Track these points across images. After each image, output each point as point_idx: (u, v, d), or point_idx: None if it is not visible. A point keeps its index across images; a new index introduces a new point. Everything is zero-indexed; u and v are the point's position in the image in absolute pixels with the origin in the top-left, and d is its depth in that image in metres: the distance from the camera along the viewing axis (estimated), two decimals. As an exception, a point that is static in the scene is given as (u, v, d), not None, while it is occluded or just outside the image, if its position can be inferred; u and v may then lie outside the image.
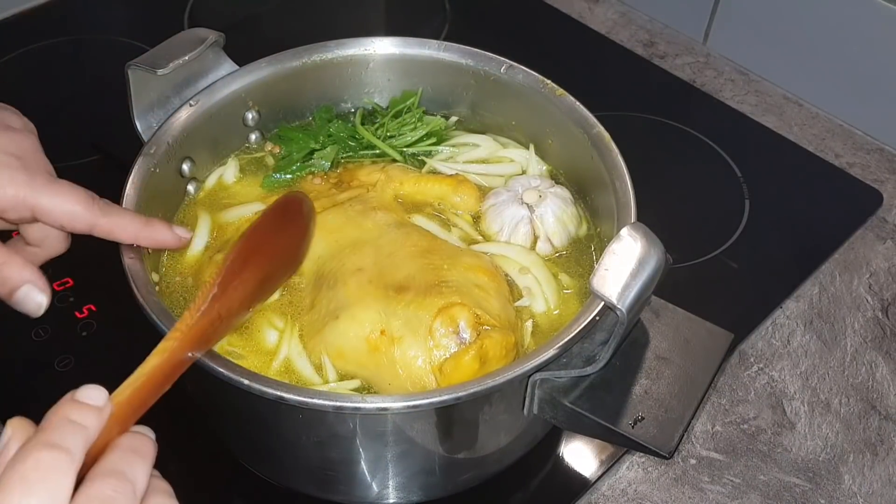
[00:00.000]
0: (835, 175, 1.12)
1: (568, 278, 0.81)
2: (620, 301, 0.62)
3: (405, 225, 0.82)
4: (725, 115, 1.19)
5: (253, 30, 1.30)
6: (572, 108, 0.85)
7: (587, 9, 1.38)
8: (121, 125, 0.83)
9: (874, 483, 0.84)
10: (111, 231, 0.67)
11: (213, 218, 0.85)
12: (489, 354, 0.69)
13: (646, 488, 0.83)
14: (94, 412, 0.49)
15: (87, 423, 0.48)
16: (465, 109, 0.95)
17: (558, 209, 0.83)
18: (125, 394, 0.53)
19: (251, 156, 0.92)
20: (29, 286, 0.63)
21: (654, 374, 0.70)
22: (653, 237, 0.65)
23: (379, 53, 0.92)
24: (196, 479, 0.82)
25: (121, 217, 0.68)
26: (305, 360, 0.74)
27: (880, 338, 0.95)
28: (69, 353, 0.88)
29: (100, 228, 0.66)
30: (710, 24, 1.28)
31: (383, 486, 0.74)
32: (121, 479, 0.47)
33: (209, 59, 0.85)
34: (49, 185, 0.64)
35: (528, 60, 0.89)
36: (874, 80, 1.14)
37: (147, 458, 0.50)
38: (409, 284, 0.73)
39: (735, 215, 1.06)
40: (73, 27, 1.29)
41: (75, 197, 0.65)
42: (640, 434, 0.66)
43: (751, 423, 0.88)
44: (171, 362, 0.57)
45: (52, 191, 0.64)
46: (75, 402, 0.49)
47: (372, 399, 0.63)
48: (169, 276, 0.80)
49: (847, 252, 1.04)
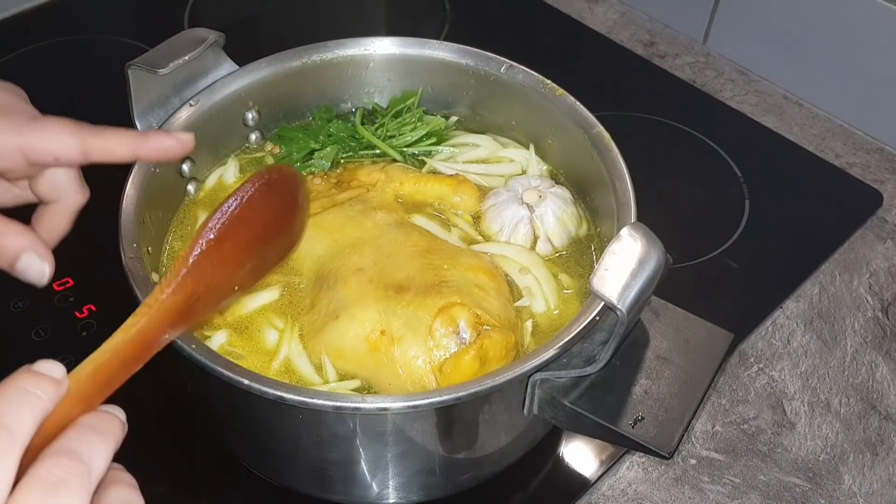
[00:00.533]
0: (835, 175, 1.12)
1: (568, 278, 0.81)
2: (620, 301, 0.62)
3: (405, 225, 0.82)
4: (725, 115, 1.19)
5: (253, 30, 1.30)
6: (572, 108, 0.85)
7: (587, 9, 1.38)
8: (121, 125, 0.83)
9: (874, 483, 0.84)
10: (106, 149, 0.64)
11: (213, 218, 0.85)
12: (489, 354, 0.69)
13: (646, 488, 0.83)
14: (50, 383, 0.45)
15: (42, 394, 0.44)
16: (465, 109, 0.95)
17: (558, 209, 0.83)
18: (87, 369, 0.49)
19: (251, 156, 0.92)
20: (29, 254, 0.61)
21: (654, 374, 0.70)
22: (653, 237, 0.65)
23: (379, 53, 0.92)
24: (196, 479, 0.82)
25: (113, 133, 0.64)
26: (305, 360, 0.74)
27: (880, 338, 0.95)
28: (69, 353, 0.87)
29: (94, 151, 0.63)
30: (710, 24, 1.28)
31: (383, 486, 0.74)
32: (73, 459, 0.43)
33: (209, 59, 0.85)
34: (31, 122, 0.63)
35: (528, 60, 0.89)
36: (874, 80, 1.14)
37: (109, 438, 0.46)
38: (409, 284, 0.73)
39: (735, 215, 1.06)
40: (73, 27, 1.29)
41: (60, 125, 0.63)
42: (640, 434, 0.66)
43: (751, 423, 0.88)
44: (141, 339, 0.53)
45: (35, 126, 0.62)
46: (31, 371, 0.45)
47: (372, 399, 0.63)
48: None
49: (847, 252, 1.04)
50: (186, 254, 0.58)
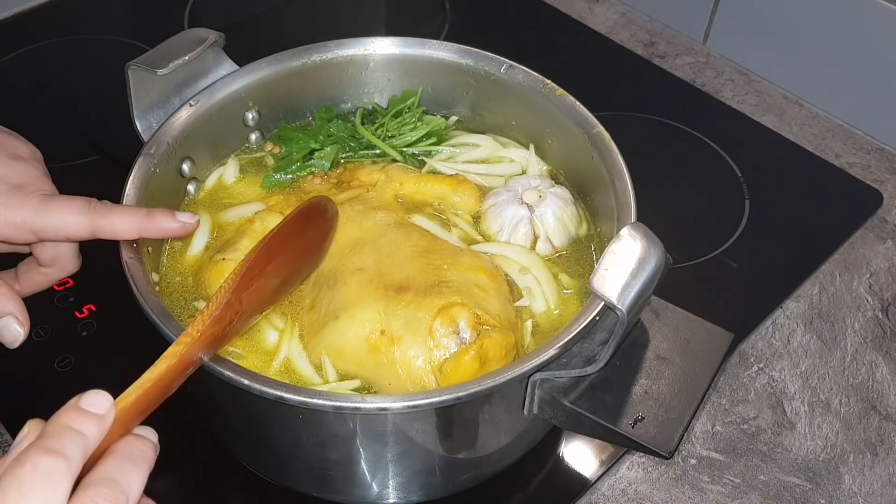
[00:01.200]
0: (835, 175, 1.12)
1: (568, 278, 0.81)
2: (620, 301, 0.62)
3: (405, 225, 0.82)
4: (725, 115, 1.19)
5: (253, 30, 1.30)
6: (572, 108, 0.85)
7: (587, 9, 1.38)
8: (121, 125, 0.83)
9: (874, 483, 0.84)
10: (113, 230, 0.67)
11: (213, 218, 0.85)
12: (489, 354, 0.69)
13: (646, 488, 0.83)
14: (94, 420, 0.48)
15: (88, 431, 0.48)
16: (465, 109, 0.95)
17: (558, 209, 0.83)
18: (131, 398, 0.52)
19: (251, 156, 0.92)
20: (9, 319, 0.65)
21: (654, 374, 0.70)
22: (653, 237, 0.65)
23: (379, 53, 0.92)
24: (196, 479, 0.82)
25: (120, 214, 0.68)
26: (305, 360, 0.74)
27: (880, 338, 0.95)
28: (69, 353, 0.88)
29: (101, 231, 0.67)
30: (710, 24, 1.28)
31: (383, 486, 0.74)
32: (114, 489, 0.47)
33: (209, 59, 0.85)
34: (45, 204, 0.65)
35: (528, 60, 0.89)
36: (874, 80, 1.14)
37: (144, 464, 0.50)
38: (409, 284, 0.73)
39: (735, 215, 1.06)
40: (73, 27, 1.29)
41: (71, 206, 0.66)
42: (640, 434, 0.66)
43: (751, 423, 0.88)
44: (180, 366, 0.57)
45: (48, 208, 0.65)
46: (78, 409, 0.49)
47: (372, 399, 0.63)
48: (169, 276, 0.80)
49: (847, 252, 1.04)
50: (229, 287, 0.61)
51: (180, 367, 0.57)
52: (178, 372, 0.56)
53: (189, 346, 0.58)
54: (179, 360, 0.56)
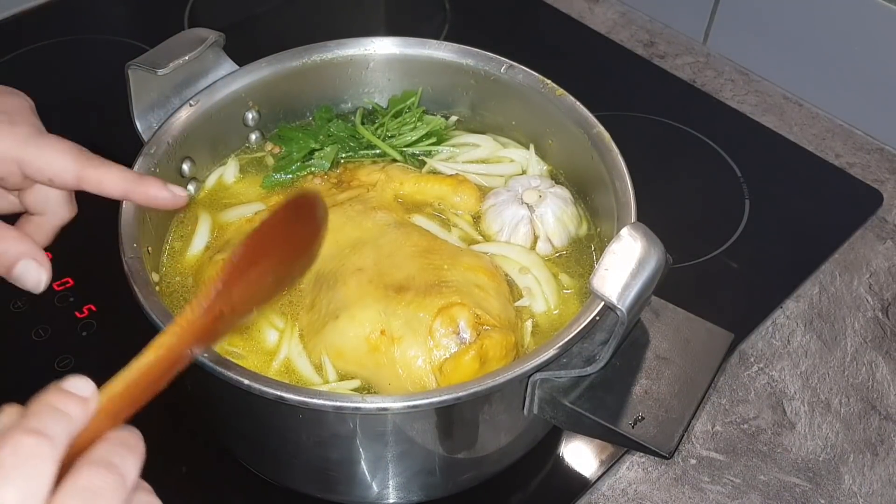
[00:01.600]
0: (835, 175, 1.12)
1: (568, 278, 0.81)
2: (620, 301, 0.62)
3: (405, 225, 0.82)
4: (725, 115, 1.19)
5: (253, 30, 1.30)
6: (572, 108, 0.85)
7: (587, 9, 1.38)
8: (121, 125, 0.83)
9: (874, 483, 0.84)
10: (100, 182, 0.64)
11: (213, 218, 0.85)
12: (489, 354, 0.69)
13: (646, 488, 0.83)
14: (79, 402, 0.46)
15: (72, 412, 0.45)
16: (465, 109, 0.95)
17: (558, 209, 0.83)
18: (117, 387, 0.50)
19: (251, 156, 0.92)
20: (26, 261, 0.61)
21: (654, 374, 0.70)
22: (653, 237, 0.65)
23: (379, 53, 0.92)
24: (196, 479, 0.82)
25: (110, 169, 0.65)
26: (305, 360, 0.74)
27: (880, 338, 0.95)
28: (69, 353, 0.88)
29: (88, 181, 0.64)
30: (710, 24, 1.28)
31: (383, 486, 0.74)
32: (110, 469, 0.44)
33: (209, 59, 0.85)
34: (34, 137, 0.63)
35: (528, 60, 0.89)
36: (874, 80, 1.14)
37: (137, 452, 0.47)
38: (409, 284, 0.73)
39: (735, 215, 1.06)
40: (73, 27, 1.29)
41: (61, 147, 0.63)
42: (640, 434, 0.66)
43: (751, 423, 0.88)
44: (169, 358, 0.54)
45: (38, 142, 0.63)
46: (61, 390, 0.46)
47: (372, 399, 0.63)
48: (169, 276, 0.80)
49: (847, 252, 1.04)
50: (218, 277, 0.59)
51: (169, 358, 0.54)
52: (168, 364, 0.54)
53: (178, 338, 0.55)
54: (168, 350, 0.54)
